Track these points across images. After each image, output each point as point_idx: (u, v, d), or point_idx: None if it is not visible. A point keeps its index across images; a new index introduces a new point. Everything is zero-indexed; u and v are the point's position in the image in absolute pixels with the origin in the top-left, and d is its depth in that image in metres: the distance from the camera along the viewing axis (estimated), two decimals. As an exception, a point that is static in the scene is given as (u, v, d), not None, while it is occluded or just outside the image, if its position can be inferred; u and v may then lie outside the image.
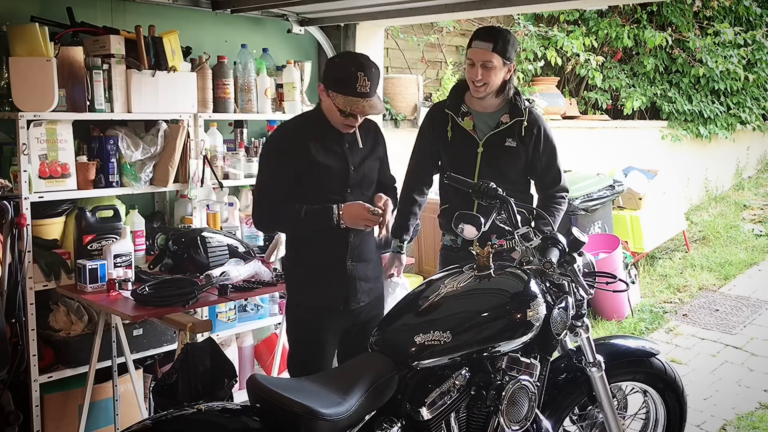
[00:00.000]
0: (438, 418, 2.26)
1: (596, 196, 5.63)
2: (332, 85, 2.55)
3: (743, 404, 4.10)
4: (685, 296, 6.01)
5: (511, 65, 2.95)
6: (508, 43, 2.91)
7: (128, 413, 3.41)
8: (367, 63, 2.57)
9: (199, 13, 3.75)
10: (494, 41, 2.88)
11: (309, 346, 2.75)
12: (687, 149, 8.56)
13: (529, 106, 3.02)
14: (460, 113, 3.04)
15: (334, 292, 2.71)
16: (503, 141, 2.98)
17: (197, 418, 2.03)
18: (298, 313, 2.77)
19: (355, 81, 2.51)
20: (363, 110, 2.55)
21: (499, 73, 2.92)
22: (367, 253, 2.80)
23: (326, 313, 2.72)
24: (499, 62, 2.89)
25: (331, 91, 2.56)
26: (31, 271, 3.02)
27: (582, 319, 2.61)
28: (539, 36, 7.11)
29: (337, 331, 2.76)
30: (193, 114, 3.49)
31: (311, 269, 2.72)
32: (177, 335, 3.10)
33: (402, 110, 5.67)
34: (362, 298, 2.77)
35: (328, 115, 2.64)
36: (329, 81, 2.58)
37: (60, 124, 3.05)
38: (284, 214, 2.62)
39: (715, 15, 8.45)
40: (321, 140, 2.64)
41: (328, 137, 2.66)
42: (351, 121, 2.61)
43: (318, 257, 2.70)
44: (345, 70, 2.54)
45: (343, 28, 4.20)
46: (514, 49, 2.95)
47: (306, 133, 2.65)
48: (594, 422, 2.80)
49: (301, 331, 2.76)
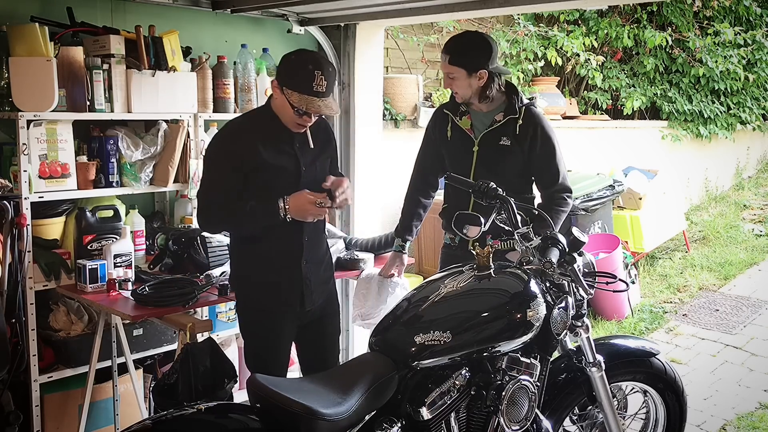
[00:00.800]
0: (438, 418, 2.26)
1: (596, 196, 5.64)
2: (288, 82, 2.47)
3: (743, 404, 4.10)
4: (685, 296, 6.02)
5: (480, 73, 2.90)
6: (466, 55, 2.90)
7: (128, 413, 3.41)
8: (324, 62, 2.52)
9: (199, 13, 3.74)
10: (450, 54, 2.92)
11: (266, 344, 2.73)
12: (687, 149, 8.56)
13: (527, 104, 3.00)
14: (458, 112, 3.06)
15: (289, 294, 2.70)
16: (498, 140, 2.98)
17: (197, 418, 2.03)
18: (253, 315, 2.73)
19: (311, 79, 2.44)
20: (318, 110, 2.49)
21: (463, 82, 2.93)
22: (319, 253, 2.79)
23: (282, 314, 2.71)
24: (460, 74, 2.91)
25: (286, 88, 2.47)
26: (31, 271, 3.02)
27: (582, 319, 2.61)
28: (539, 36, 7.11)
29: (293, 327, 2.76)
30: (193, 114, 3.49)
31: (266, 272, 2.68)
32: (177, 335, 3.10)
33: (402, 110, 5.67)
34: (317, 298, 2.77)
35: (279, 112, 2.57)
36: (284, 77, 2.49)
37: (60, 124, 3.05)
38: (230, 212, 2.56)
39: (715, 15, 8.45)
40: (271, 139, 2.58)
41: (279, 137, 2.59)
42: (304, 120, 2.54)
43: (272, 259, 2.66)
44: (302, 68, 2.46)
45: (343, 28, 4.19)
46: (483, 57, 2.90)
47: (255, 131, 2.58)
48: (594, 422, 2.80)
49: (257, 331, 2.74)
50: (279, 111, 2.57)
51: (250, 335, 2.78)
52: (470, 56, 2.91)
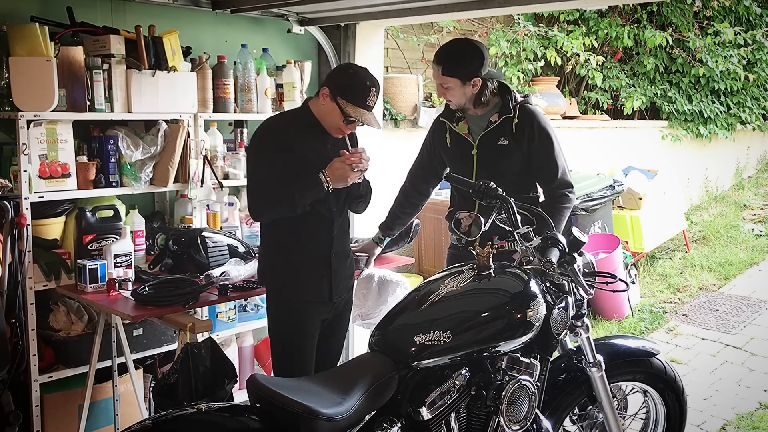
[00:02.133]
0: (438, 418, 2.26)
1: (596, 196, 5.63)
2: (343, 94, 2.67)
3: (743, 404, 4.10)
4: (685, 296, 6.01)
5: (474, 80, 2.91)
6: (459, 64, 2.91)
7: (128, 413, 3.41)
8: (377, 81, 2.74)
9: (199, 13, 3.75)
10: (442, 65, 2.94)
11: (296, 338, 2.81)
12: (687, 149, 8.56)
13: (522, 102, 3.00)
14: (454, 119, 3.09)
15: (321, 285, 2.81)
16: (496, 140, 2.98)
17: (197, 418, 2.03)
18: (286, 307, 2.82)
19: (367, 95, 2.68)
20: (369, 122, 2.71)
21: (458, 92, 2.94)
22: (346, 248, 2.97)
23: (312, 305, 2.81)
24: (454, 83, 2.92)
25: (341, 98, 2.67)
26: (31, 271, 3.02)
27: (582, 319, 2.61)
28: (539, 36, 7.11)
29: (318, 322, 2.86)
30: (193, 114, 3.49)
31: (299, 263, 2.79)
32: (177, 335, 3.10)
33: (402, 110, 5.67)
34: (342, 291, 2.91)
35: (324, 117, 2.75)
36: (340, 89, 2.68)
37: (60, 124, 3.05)
38: (278, 197, 2.70)
39: (715, 15, 8.45)
40: (308, 139, 2.75)
41: (314, 136, 2.77)
42: (350, 128, 2.76)
43: (304, 251, 2.80)
44: (360, 83, 2.68)
45: (343, 28, 4.19)
46: (476, 65, 2.90)
47: (295, 127, 2.76)
48: (594, 422, 2.80)
49: (288, 324, 2.82)
50: (323, 116, 2.74)
51: (280, 329, 2.85)
52: (462, 65, 2.91)
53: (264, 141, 2.76)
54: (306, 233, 2.79)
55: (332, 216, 2.81)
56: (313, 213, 2.74)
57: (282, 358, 2.84)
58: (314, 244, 2.80)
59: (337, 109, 2.69)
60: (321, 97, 2.72)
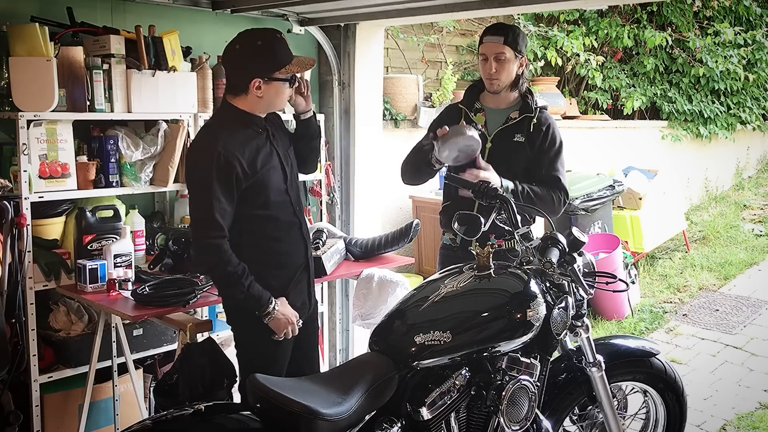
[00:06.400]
0: (438, 418, 2.26)
1: (596, 196, 5.63)
2: (274, 67, 2.50)
3: (743, 404, 4.10)
4: (685, 296, 6.01)
5: (523, 59, 3.02)
6: (518, 36, 2.99)
7: (128, 413, 3.41)
8: (275, 30, 2.57)
9: (199, 13, 3.75)
10: (504, 35, 2.97)
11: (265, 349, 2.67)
12: (687, 149, 8.56)
13: (542, 106, 3.06)
14: (473, 109, 3.10)
15: (300, 297, 2.73)
16: (512, 136, 3.01)
17: (197, 418, 2.04)
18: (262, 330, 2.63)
19: (286, 47, 2.53)
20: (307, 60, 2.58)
21: (512, 65, 2.99)
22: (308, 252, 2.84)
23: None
24: (510, 54, 2.97)
25: (276, 73, 2.51)
26: (31, 271, 3.02)
27: (582, 319, 2.61)
28: (539, 36, 7.11)
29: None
30: (193, 114, 3.49)
31: (283, 276, 2.67)
32: (177, 335, 3.10)
33: (402, 110, 5.67)
34: (312, 302, 2.84)
35: (272, 102, 2.57)
36: (268, 66, 2.50)
37: (60, 124, 3.05)
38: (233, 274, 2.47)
39: (715, 15, 8.45)
40: (249, 144, 2.54)
41: (252, 138, 2.57)
42: (300, 84, 2.67)
43: (286, 265, 2.68)
44: (275, 46, 2.50)
45: (343, 28, 4.19)
46: (524, 43, 3.03)
47: (235, 141, 2.51)
48: (594, 422, 2.80)
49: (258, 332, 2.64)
50: (270, 102, 2.57)
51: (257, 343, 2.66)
52: (521, 38, 3.01)
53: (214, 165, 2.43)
54: (286, 249, 2.66)
55: (302, 224, 2.71)
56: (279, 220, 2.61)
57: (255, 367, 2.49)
58: (293, 259, 2.69)
59: (279, 83, 2.52)
60: (256, 92, 2.51)
